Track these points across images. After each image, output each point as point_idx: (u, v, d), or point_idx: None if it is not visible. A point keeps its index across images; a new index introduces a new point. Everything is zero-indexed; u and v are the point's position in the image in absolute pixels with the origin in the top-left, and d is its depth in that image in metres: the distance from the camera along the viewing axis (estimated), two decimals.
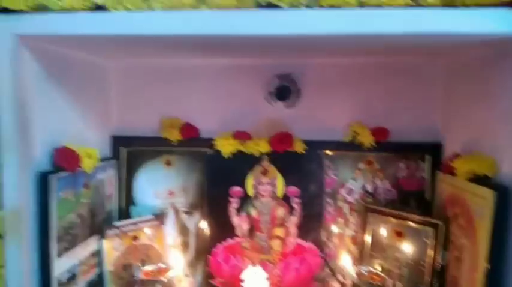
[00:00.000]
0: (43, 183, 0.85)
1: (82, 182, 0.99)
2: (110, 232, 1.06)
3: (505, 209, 0.78)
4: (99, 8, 0.77)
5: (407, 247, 1.02)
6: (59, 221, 0.89)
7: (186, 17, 0.75)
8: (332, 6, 0.74)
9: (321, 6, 0.75)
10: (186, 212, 1.22)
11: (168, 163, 1.22)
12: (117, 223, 1.09)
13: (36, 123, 0.86)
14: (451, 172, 0.98)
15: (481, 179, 0.87)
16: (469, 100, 1.02)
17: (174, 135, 1.19)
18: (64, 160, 0.89)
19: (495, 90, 0.88)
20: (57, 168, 0.90)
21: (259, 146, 1.16)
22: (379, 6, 0.74)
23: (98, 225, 1.07)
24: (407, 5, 0.73)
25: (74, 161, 0.91)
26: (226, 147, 1.16)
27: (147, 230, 1.12)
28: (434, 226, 0.99)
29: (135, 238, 1.11)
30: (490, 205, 0.80)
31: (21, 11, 0.78)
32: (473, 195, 0.88)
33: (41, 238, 0.86)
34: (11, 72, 0.79)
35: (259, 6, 0.75)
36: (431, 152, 1.15)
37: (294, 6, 0.75)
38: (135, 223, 1.11)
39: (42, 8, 0.79)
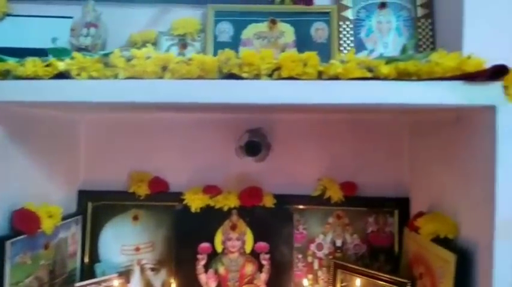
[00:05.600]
0: None
1: (42, 244, 0.95)
2: None
3: (466, 272, 0.78)
4: (63, 75, 0.78)
5: None
6: None
7: (149, 85, 0.76)
8: (292, 78, 0.77)
9: (281, 77, 0.77)
10: (153, 269, 1.18)
11: (136, 218, 1.20)
12: (78, 284, 1.04)
13: None
14: (416, 230, 0.99)
15: (442, 241, 0.88)
16: (432, 158, 1.04)
17: (142, 190, 1.17)
18: (22, 223, 0.86)
19: (454, 151, 0.90)
20: (15, 231, 0.87)
21: (229, 201, 1.16)
22: (336, 78, 0.77)
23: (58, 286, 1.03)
24: (364, 77, 0.76)
25: (33, 224, 0.88)
26: (195, 202, 1.15)
27: None
28: (402, 285, 0.99)
29: None
30: (451, 268, 0.80)
31: None
32: (436, 256, 0.88)
33: None
34: None
35: (222, 76, 0.78)
36: (399, 207, 1.16)
37: (255, 76, 0.77)
38: (98, 283, 1.07)
39: (5, 74, 0.79)
